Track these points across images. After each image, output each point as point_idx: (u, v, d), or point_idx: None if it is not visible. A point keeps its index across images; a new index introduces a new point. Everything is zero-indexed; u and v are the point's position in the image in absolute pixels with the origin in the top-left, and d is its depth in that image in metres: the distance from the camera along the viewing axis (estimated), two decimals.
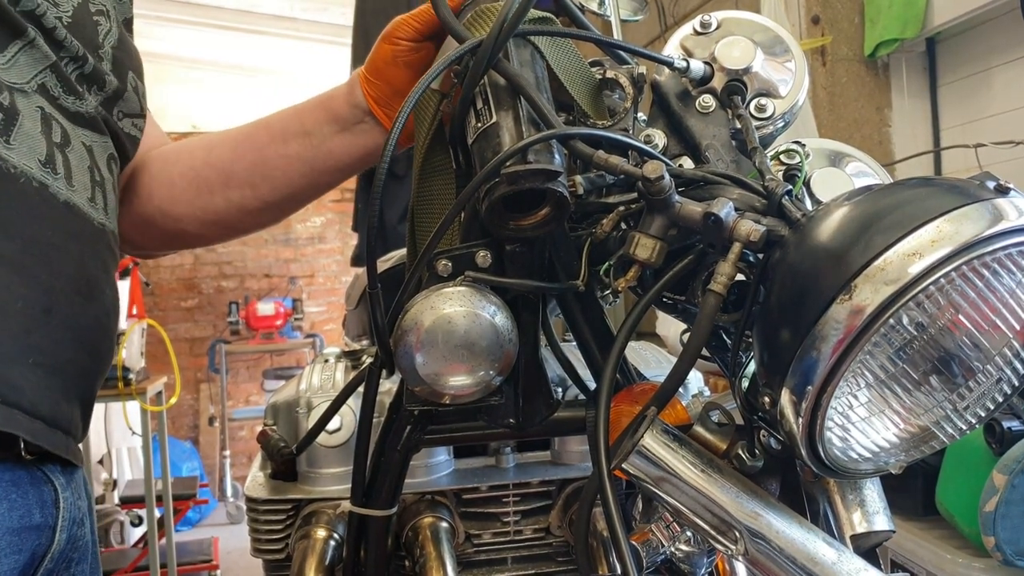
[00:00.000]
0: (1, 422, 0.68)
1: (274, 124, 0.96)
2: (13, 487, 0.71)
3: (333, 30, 5.15)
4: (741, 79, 0.76)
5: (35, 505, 0.73)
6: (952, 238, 0.50)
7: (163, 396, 3.61)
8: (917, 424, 0.57)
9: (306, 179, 0.95)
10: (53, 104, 0.77)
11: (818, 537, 0.59)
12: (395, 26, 0.87)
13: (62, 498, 0.76)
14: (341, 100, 0.92)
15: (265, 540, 1.05)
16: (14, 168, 0.71)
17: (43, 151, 0.74)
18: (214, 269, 6.22)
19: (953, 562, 1.49)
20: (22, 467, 0.73)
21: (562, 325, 0.91)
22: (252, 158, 0.96)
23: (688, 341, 0.61)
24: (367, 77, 0.90)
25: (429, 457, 1.05)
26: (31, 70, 0.75)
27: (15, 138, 0.72)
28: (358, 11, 3.02)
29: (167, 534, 3.60)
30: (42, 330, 0.72)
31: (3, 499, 0.70)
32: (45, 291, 0.72)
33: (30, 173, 0.73)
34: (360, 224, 3.20)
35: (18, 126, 0.72)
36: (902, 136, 2.67)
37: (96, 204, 0.81)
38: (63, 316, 0.74)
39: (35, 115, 0.75)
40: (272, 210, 0.99)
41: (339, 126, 0.93)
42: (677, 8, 3.49)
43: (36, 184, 0.73)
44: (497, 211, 0.65)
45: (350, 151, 0.93)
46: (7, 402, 0.68)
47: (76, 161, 0.78)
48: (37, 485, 0.74)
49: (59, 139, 0.77)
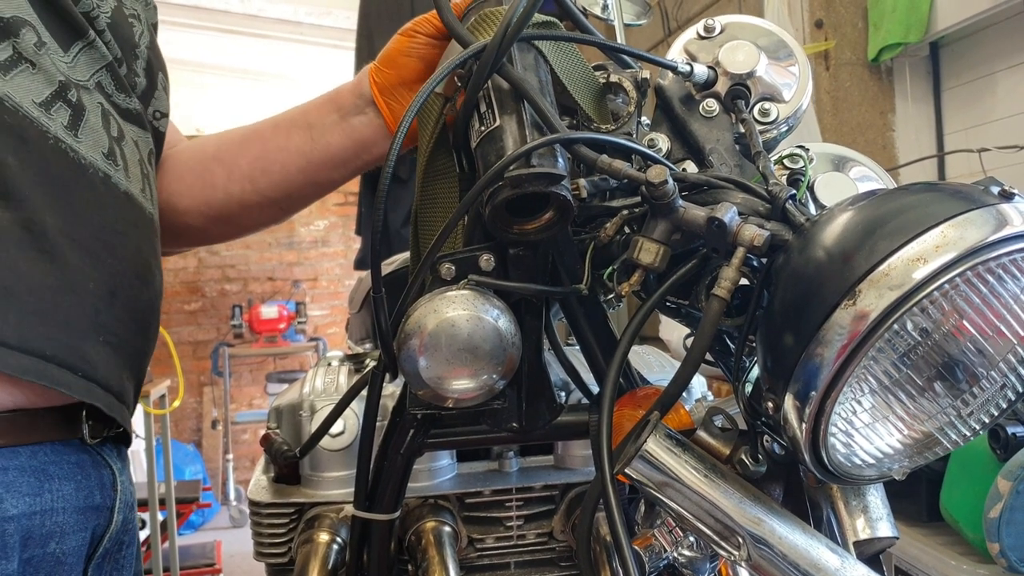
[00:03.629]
0: (83, 393, 0.74)
1: (281, 119, 0.99)
2: (79, 469, 0.77)
3: (337, 34, 5.17)
4: (745, 83, 0.76)
5: (96, 487, 0.79)
6: (956, 243, 0.50)
7: (166, 399, 3.61)
8: (921, 430, 0.57)
9: (303, 174, 0.97)
10: (108, 101, 0.83)
11: (821, 543, 0.59)
12: (416, 22, 0.90)
13: (119, 481, 0.82)
14: (347, 91, 0.95)
15: (268, 544, 1.05)
16: (84, 159, 0.77)
17: (105, 144, 0.80)
18: (217, 272, 6.22)
19: (957, 568, 1.49)
20: (84, 451, 0.78)
21: (565, 329, 0.91)
22: (255, 152, 0.98)
23: (691, 346, 0.61)
24: (378, 67, 0.92)
25: (432, 461, 1.05)
26: (90, 68, 0.81)
27: (83, 131, 0.77)
28: (362, 15, 3.02)
29: (170, 538, 3.60)
30: (109, 310, 0.77)
31: (71, 479, 0.76)
32: (111, 274, 0.77)
33: (96, 164, 0.78)
34: (364, 228, 3.20)
35: (84, 120, 0.78)
36: (906, 140, 2.66)
37: (146, 195, 0.86)
38: (125, 298, 0.79)
39: (97, 110, 0.80)
40: (272, 207, 1.01)
41: (340, 116, 0.95)
42: (680, 12, 3.49)
43: (101, 175, 0.79)
44: (501, 215, 0.65)
45: (345, 143, 0.95)
46: (86, 376, 0.74)
47: (130, 154, 0.84)
48: (98, 468, 0.79)
49: (116, 133, 0.82)
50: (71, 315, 0.73)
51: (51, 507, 0.73)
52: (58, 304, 0.72)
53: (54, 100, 0.75)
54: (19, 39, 0.73)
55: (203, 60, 5.43)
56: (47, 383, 0.70)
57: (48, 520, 0.73)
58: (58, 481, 0.74)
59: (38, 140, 0.73)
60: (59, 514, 0.74)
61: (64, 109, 0.76)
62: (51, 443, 0.75)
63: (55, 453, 0.75)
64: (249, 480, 1.15)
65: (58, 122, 0.75)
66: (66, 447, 0.76)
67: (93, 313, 0.75)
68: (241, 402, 6.22)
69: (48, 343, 0.71)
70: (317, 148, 0.96)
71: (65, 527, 0.74)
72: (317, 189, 1.00)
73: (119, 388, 0.79)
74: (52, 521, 0.73)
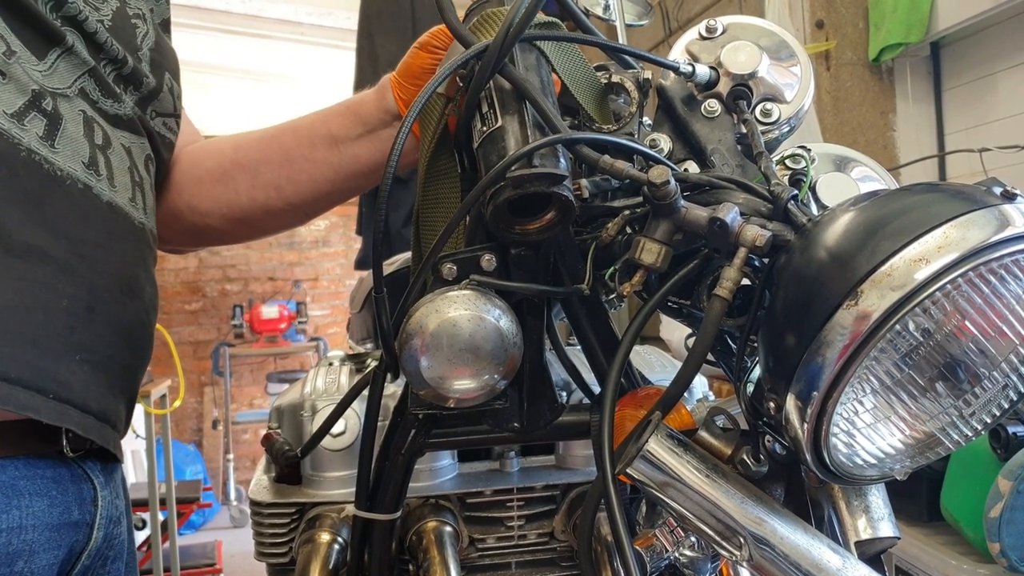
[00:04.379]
0: (53, 417, 0.70)
1: (301, 128, 0.97)
2: (54, 484, 0.74)
3: (338, 34, 5.17)
4: (746, 84, 0.76)
5: (74, 502, 0.75)
6: (958, 244, 0.50)
7: (167, 399, 3.61)
8: (922, 430, 0.57)
9: (332, 184, 0.97)
10: (93, 108, 0.80)
11: (823, 543, 0.59)
12: (431, 35, 0.88)
13: (100, 496, 0.78)
14: (370, 105, 0.93)
15: (269, 544, 1.05)
16: (60, 171, 0.74)
17: (86, 153, 0.77)
18: (218, 272, 6.23)
19: (958, 568, 1.49)
20: (63, 464, 0.75)
21: (567, 329, 0.91)
22: (279, 160, 0.97)
23: (693, 346, 0.61)
24: (400, 82, 0.91)
25: (433, 461, 1.05)
26: (71, 75, 0.78)
27: (59, 141, 0.75)
28: (362, 15, 3.02)
29: (171, 538, 3.60)
30: (86, 327, 0.74)
31: (44, 495, 0.72)
32: (89, 289, 0.74)
33: (75, 175, 0.75)
34: (364, 228, 3.19)
35: (62, 130, 0.75)
36: (907, 140, 2.66)
37: (136, 204, 0.83)
38: (106, 314, 0.76)
39: (77, 119, 0.77)
40: (296, 212, 1.00)
41: (366, 129, 0.94)
42: (682, 13, 3.49)
43: (80, 185, 0.76)
44: (502, 215, 0.65)
45: (375, 156, 0.94)
46: (58, 398, 0.71)
47: (117, 162, 0.81)
48: (77, 483, 0.76)
49: (100, 141, 0.80)
50: (40, 334, 0.70)
51: (19, 524, 0.70)
52: (25, 324, 0.69)
53: (27, 110, 0.72)
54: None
55: (204, 60, 5.43)
56: (12, 408, 0.67)
57: (16, 538, 0.69)
58: (28, 497, 0.71)
59: (8, 152, 0.70)
60: (28, 532, 0.70)
61: (39, 119, 0.73)
62: (25, 457, 0.72)
63: (28, 468, 0.72)
64: (250, 480, 1.15)
65: (32, 132, 0.72)
66: (41, 461, 0.73)
67: (67, 331, 0.72)
68: (242, 402, 6.22)
69: (13, 364, 0.68)
70: (345, 160, 0.95)
71: (35, 545, 0.71)
72: (344, 195, 0.99)
73: (100, 407, 0.76)
74: (20, 539, 0.70)
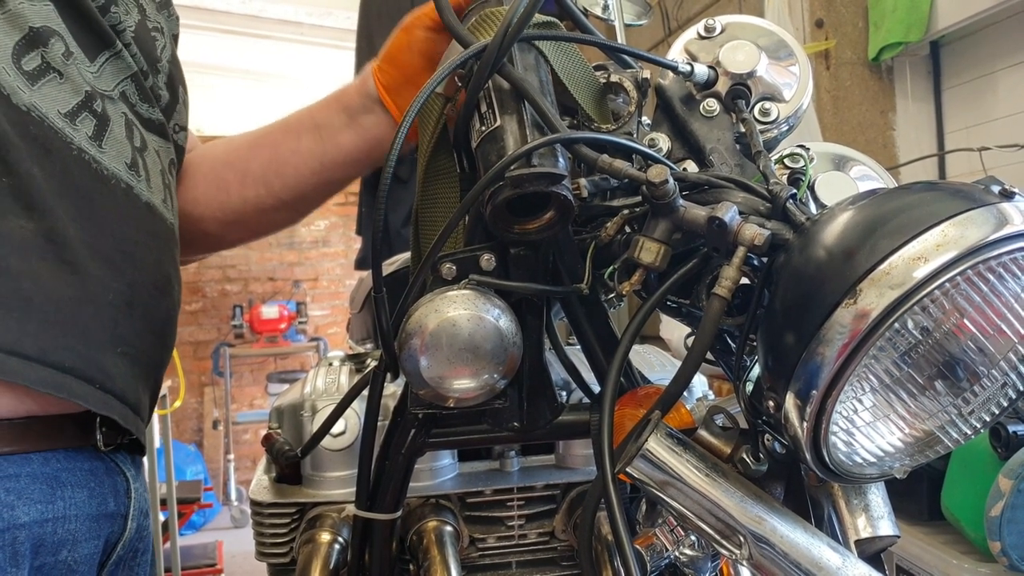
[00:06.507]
0: (100, 406, 0.73)
1: (290, 122, 1.00)
2: (91, 476, 0.76)
3: (338, 34, 5.17)
4: (745, 83, 0.76)
5: (110, 494, 0.78)
6: (957, 242, 0.50)
7: (167, 400, 3.62)
8: (922, 429, 0.57)
9: (317, 175, 0.98)
10: (132, 111, 0.83)
11: (822, 542, 0.59)
12: (414, 17, 0.89)
13: (133, 488, 0.81)
14: (352, 90, 0.95)
15: (270, 544, 1.05)
16: (106, 170, 0.77)
17: (128, 155, 0.80)
18: (218, 272, 6.23)
19: (959, 567, 1.49)
20: (98, 457, 0.78)
21: (566, 328, 0.91)
22: (267, 156, 0.99)
23: (692, 345, 0.61)
24: (380, 65, 0.93)
25: (433, 461, 1.05)
26: (114, 79, 0.81)
27: (107, 142, 0.77)
28: (362, 15, 3.02)
29: (171, 538, 3.60)
30: (127, 322, 0.77)
31: (83, 486, 0.75)
32: (130, 285, 0.77)
33: (119, 175, 0.78)
34: (364, 228, 3.19)
35: (109, 131, 0.78)
36: (906, 140, 2.66)
37: (167, 205, 0.86)
38: (143, 309, 0.79)
39: (120, 121, 0.80)
40: (287, 209, 1.01)
41: (348, 116, 0.95)
42: (681, 12, 3.49)
43: (124, 185, 0.79)
44: (501, 214, 0.65)
45: (358, 143, 0.96)
46: (103, 388, 0.74)
47: (152, 165, 0.84)
48: (112, 475, 0.79)
49: (139, 144, 0.82)
50: (90, 326, 0.73)
51: (63, 514, 0.72)
52: (78, 315, 0.72)
53: (80, 110, 0.75)
54: (48, 49, 0.73)
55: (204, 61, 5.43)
56: (66, 396, 0.70)
57: (60, 528, 0.72)
58: (71, 488, 0.74)
59: (62, 151, 0.73)
60: (71, 521, 0.73)
61: (89, 119, 0.76)
62: (64, 450, 0.74)
63: (68, 460, 0.74)
64: (250, 480, 1.15)
65: (83, 133, 0.75)
66: (79, 454, 0.75)
67: (112, 324, 0.75)
68: (242, 402, 6.22)
69: (67, 354, 0.70)
70: (329, 149, 0.96)
71: (77, 535, 0.74)
72: (331, 188, 1.00)
73: (135, 399, 0.78)
74: (64, 529, 0.72)
